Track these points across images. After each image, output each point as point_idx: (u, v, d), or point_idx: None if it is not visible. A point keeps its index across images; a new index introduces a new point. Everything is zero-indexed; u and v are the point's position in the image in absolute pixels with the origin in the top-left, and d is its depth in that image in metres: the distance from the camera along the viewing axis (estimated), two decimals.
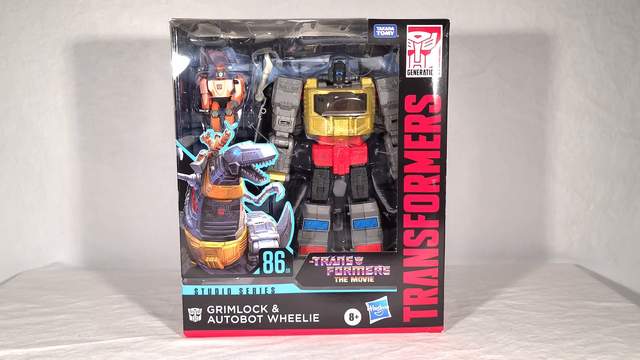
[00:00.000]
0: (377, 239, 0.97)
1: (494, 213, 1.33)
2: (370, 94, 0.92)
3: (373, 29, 0.87)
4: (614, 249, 1.32)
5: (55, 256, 1.32)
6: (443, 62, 0.87)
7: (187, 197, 0.90)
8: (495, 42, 1.28)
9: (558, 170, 1.31)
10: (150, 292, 1.12)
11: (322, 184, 0.96)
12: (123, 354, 0.87)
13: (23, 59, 1.25)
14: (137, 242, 1.31)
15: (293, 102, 0.93)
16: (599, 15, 1.27)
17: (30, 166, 1.29)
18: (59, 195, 1.30)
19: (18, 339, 0.93)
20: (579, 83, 1.29)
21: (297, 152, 0.98)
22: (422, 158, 0.89)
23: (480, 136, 1.30)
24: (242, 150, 0.89)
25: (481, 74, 1.29)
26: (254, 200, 0.91)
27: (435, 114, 0.88)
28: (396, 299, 0.92)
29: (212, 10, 1.26)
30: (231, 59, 0.93)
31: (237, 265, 0.92)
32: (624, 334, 0.93)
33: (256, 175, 0.90)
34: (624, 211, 1.31)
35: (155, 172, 1.29)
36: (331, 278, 0.91)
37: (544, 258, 1.33)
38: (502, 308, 1.04)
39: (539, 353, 0.86)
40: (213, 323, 0.92)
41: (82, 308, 1.05)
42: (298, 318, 0.92)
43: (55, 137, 1.28)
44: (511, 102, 1.30)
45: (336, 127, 0.92)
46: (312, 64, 0.95)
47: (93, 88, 1.27)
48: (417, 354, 0.86)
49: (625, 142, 1.29)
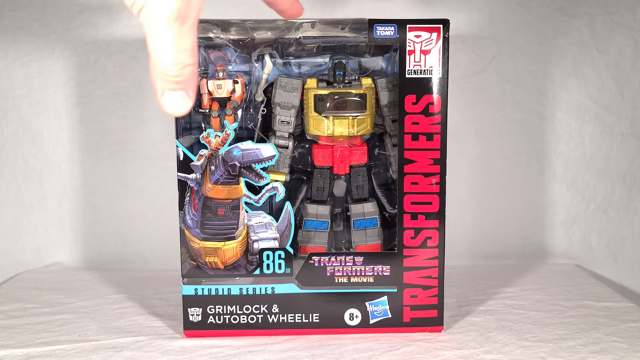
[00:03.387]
0: (377, 238, 0.97)
1: (494, 213, 1.33)
2: (370, 94, 0.92)
3: (373, 29, 0.87)
4: (614, 249, 1.32)
5: (55, 256, 1.32)
6: (443, 62, 0.87)
7: (187, 197, 0.90)
8: (495, 42, 1.28)
9: (558, 170, 1.31)
10: (150, 292, 1.12)
11: (322, 184, 0.96)
12: (123, 354, 0.87)
13: (22, 58, 1.25)
14: (137, 242, 1.31)
15: (293, 102, 0.93)
16: (599, 15, 1.26)
17: (30, 166, 1.29)
18: (59, 195, 1.30)
19: (18, 339, 0.93)
20: (579, 83, 1.29)
21: (297, 152, 0.98)
22: (422, 158, 0.89)
23: (481, 136, 1.30)
24: (242, 150, 0.89)
25: (482, 74, 1.29)
26: (254, 200, 0.91)
27: (435, 114, 0.88)
28: (396, 299, 0.92)
29: (212, 10, 1.26)
30: (231, 59, 0.93)
31: (237, 265, 0.92)
32: (624, 334, 0.93)
33: (256, 175, 0.90)
34: (624, 211, 1.31)
35: (155, 172, 1.29)
36: (331, 278, 0.91)
37: (544, 258, 1.33)
38: (502, 308, 1.04)
39: (539, 353, 0.86)
40: (213, 323, 0.92)
41: (82, 308, 1.05)
42: (298, 318, 0.92)
43: (55, 137, 1.28)
44: (512, 102, 1.30)
45: (336, 127, 0.92)
46: (312, 64, 0.95)
47: (92, 88, 1.27)
48: (417, 354, 0.86)
49: (625, 142, 1.29)
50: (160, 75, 0.54)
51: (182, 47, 0.53)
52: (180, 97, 0.56)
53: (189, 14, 0.53)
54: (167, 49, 0.53)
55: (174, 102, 0.56)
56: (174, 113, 0.57)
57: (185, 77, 0.55)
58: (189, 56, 0.54)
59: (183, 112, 0.57)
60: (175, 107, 0.56)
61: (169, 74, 0.54)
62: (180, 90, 0.55)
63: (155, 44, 0.53)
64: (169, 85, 0.55)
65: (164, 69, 0.54)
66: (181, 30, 0.53)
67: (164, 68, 0.54)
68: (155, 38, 0.53)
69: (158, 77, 0.55)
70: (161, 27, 0.52)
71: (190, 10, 0.54)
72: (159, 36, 0.52)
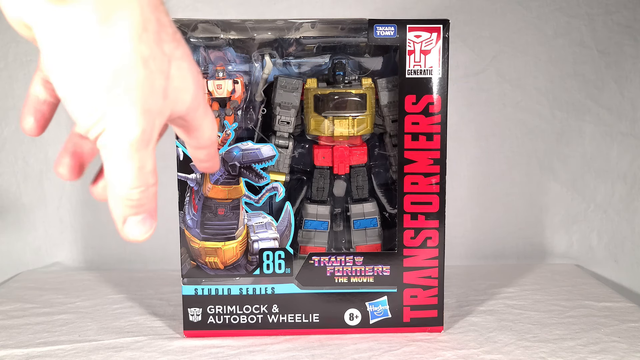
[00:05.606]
0: (377, 239, 0.97)
1: (494, 213, 1.32)
2: (370, 94, 0.92)
3: (373, 29, 0.87)
4: (614, 249, 1.32)
5: (55, 256, 1.32)
6: (443, 62, 0.87)
7: (187, 197, 0.90)
8: (495, 42, 1.28)
9: (558, 170, 1.31)
10: (150, 292, 1.12)
11: (322, 184, 0.96)
12: (123, 354, 0.87)
13: (22, 58, 1.25)
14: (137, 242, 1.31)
15: (293, 102, 0.93)
16: (600, 15, 1.26)
17: (30, 166, 1.29)
18: (59, 195, 1.30)
19: (18, 339, 0.93)
20: (579, 83, 1.29)
21: (297, 152, 0.98)
22: (422, 158, 0.89)
23: (481, 136, 1.30)
24: (242, 150, 0.89)
25: (482, 74, 1.29)
26: (254, 200, 0.91)
27: (435, 114, 0.88)
28: (396, 299, 0.92)
29: (211, 10, 1.26)
30: (231, 59, 0.93)
31: (237, 265, 0.92)
32: (624, 334, 0.93)
33: (256, 175, 0.90)
34: (624, 211, 1.31)
35: None
36: (331, 278, 0.91)
37: (544, 258, 1.33)
38: (502, 308, 1.04)
39: (539, 353, 0.86)
40: (213, 323, 0.92)
41: (82, 308, 1.05)
42: (298, 318, 0.92)
43: (54, 137, 1.28)
44: (512, 102, 1.29)
45: (336, 127, 0.92)
46: (312, 64, 0.95)
47: None
48: (417, 354, 0.86)
49: (625, 142, 1.29)
50: (120, 201, 0.49)
51: (146, 170, 0.48)
52: (143, 221, 0.51)
53: (153, 134, 0.48)
54: (129, 173, 0.47)
55: (138, 228, 0.51)
56: (139, 239, 0.52)
57: (149, 199, 0.50)
58: (152, 177, 0.49)
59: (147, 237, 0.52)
60: (139, 233, 0.52)
61: (131, 198, 0.49)
62: (142, 214, 0.51)
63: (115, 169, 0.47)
64: (131, 211, 0.50)
65: (125, 194, 0.49)
66: (145, 152, 0.48)
67: (125, 193, 0.49)
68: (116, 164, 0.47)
69: (118, 203, 0.50)
70: (123, 153, 0.47)
71: (154, 130, 0.48)
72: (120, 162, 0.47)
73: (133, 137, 0.46)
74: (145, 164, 0.48)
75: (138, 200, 0.49)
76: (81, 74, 0.44)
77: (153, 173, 0.49)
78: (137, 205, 0.50)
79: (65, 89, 0.45)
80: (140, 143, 0.47)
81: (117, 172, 0.47)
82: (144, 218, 0.51)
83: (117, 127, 0.46)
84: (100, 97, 0.45)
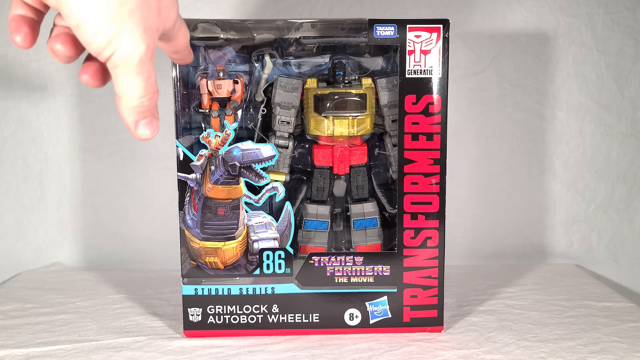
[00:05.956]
0: (377, 239, 0.97)
1: (494, 213, 1.32)
2: (370, 94, 0.92)
3: (373, 29, 0.87)
4: (614, 249, 1.32)
5: (55, 256, 1.32)
6: (443, 62, 0.87)
7: (187, 197, 0.90)
8: (496, 42, 1.28)
9: (558, 171, 1.31)
10: (150, 292, 1.12)
11: (322, 184, 0.96)
12: (123, 354, 0.87)
13: (22, 58, 1.25)
14: (137, 242, 1.31)
15: (293, 102, 0.93)
16: (600, 15, 1.26)
17: (30, 166, 1.29)
18: (59, 195, 1.30)
19: (18, 339, 0.93)
20: (579, 83, 1.29)
21: (297, 152, 0.98)
22: (422, 158, 0.89)
23: (481, 136, 1.30)
24: (242, 150, 0.89)
25: (482, 74, 1.29)
26: (254, 200, 0.91)
27: (435, 114, 0.88)
28: (396, 299, 0.92)
29: (211, 10, 1.26)
30: (231, 59, 0.93)
31: (237, 265, 0.92)
32: (624, 334, 0.93)
33: (256, 175, 0.90)
34: (624, 211, 1.31)
35: (155, 172, 1.29)
36: (331, 278, 0.91)
37: (544, 258, 1.33)
38: (502, 308, 1.04)
39: (539, 353, 0.86)
40: (213, 323, 0.92)
41: (82, 308, 1.05)
42: (298, 318, 0.92)
43: (54, 137, 1.28)
44: (512, 102, 1.29)
45: (336, 127, 0.92)
46: (312, 64, 0.95)
47: (92, 88, 1.27)
48: (417, 354, 0.86)
49: (626, 142, 1.29)
50: (133, 109, 0.57)
51: (151, 80, 0.56)
52: (150, 122, 0.59)
53: (154, 47, 0.57)
54: (140, 85, 0.55)
55: (148, 128, 0.59)
56: (149, 137, 0.60)
57: (153, 103, 0.58)
58: (155, 85, 0.57)
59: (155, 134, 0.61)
60: (150, 132, 0.60)
61: (142, 105, 0.57)
62: (149, 117, 0.59)
63: (127, 83, 0.55)
64: (141, 116, 0.58)
65: (137, 104, 0.57)
66: (150, 65, 0.56)
67: (137, 102, 0.57)
68: (128, 79, 0.55)
69: (131, 112, 0.57)
70: (135, 69, 0.55)
71: (154, 45, 0.57)
72: (132, 76, 0.55)
73: (141, 54, 0.54)
74: (151, 75, 0.56)
75: (147, 107, 0.57)
76: (91, 3, 0.51)
77: (155, 81, 0.57)
78: (145, 111, 0.58)
79: (77, 17, 0.52)
80: (146, 57, 0.55)
81: (129, 86, 0.55)
82: (151, 119, 0.59)
83: (126, 48, 0.54)
84: (108, 22, 0.52)
